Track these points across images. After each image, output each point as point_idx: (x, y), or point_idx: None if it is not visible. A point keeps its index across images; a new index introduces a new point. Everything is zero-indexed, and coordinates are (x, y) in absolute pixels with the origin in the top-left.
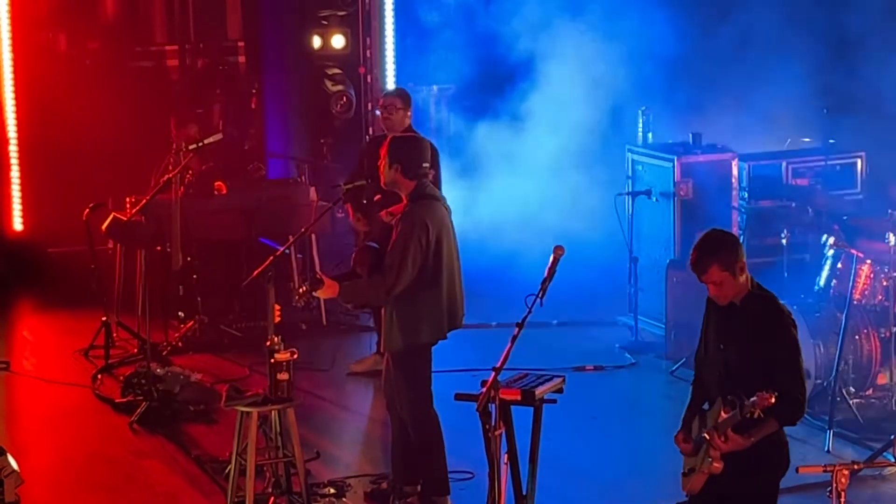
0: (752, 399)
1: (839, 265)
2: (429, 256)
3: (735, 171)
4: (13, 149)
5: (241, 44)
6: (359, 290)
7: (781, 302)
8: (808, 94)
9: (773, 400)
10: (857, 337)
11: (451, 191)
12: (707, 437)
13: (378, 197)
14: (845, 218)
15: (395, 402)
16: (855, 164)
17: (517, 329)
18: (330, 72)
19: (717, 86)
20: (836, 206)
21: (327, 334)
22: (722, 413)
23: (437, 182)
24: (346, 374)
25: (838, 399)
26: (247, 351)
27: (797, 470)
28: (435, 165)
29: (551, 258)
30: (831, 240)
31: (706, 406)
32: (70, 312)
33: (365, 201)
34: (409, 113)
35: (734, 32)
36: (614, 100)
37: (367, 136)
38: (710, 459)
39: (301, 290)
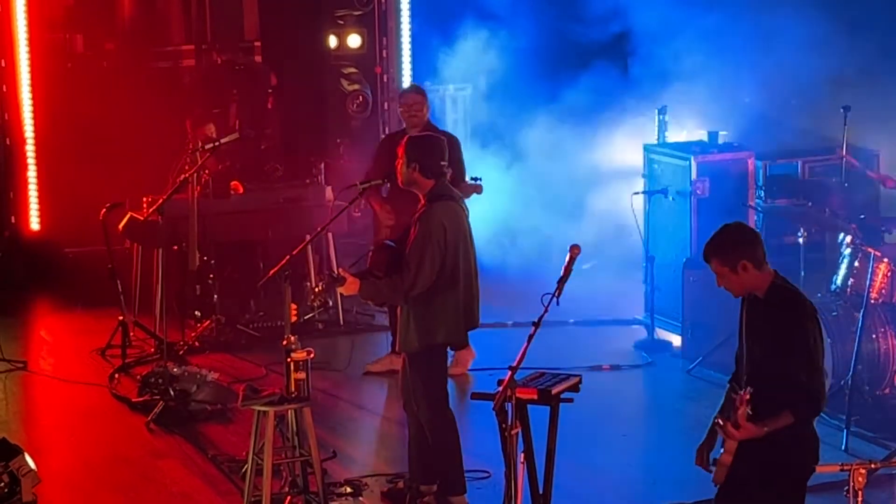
0: (736, 396)
1: (856, 264)
2: (446, 257)
3: (752, 170)
4: (30, 149)
5: (257, 44)
6: (379, 288)
7: (805, 297)
8: None
9: (747, 397)
10: (873, 336)
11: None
12: (721, 423)
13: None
14: (862, 217)
15: (411, 402)
16: (873, 162)
17: (533, 328)
18: (346, 71)
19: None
20: (854, 205)
21: (344, 334)
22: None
23: (461, 175)
24: (363, 373)
25: (855, 398)
26: (263, 350)
27: (814, 469)
28: (457, 158)
29: (567, 257)
30: (848, 238)
31: None
32: (87, 312)
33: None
34: (428, 108)
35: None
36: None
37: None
38: (722, 450)
39: (317, 290)
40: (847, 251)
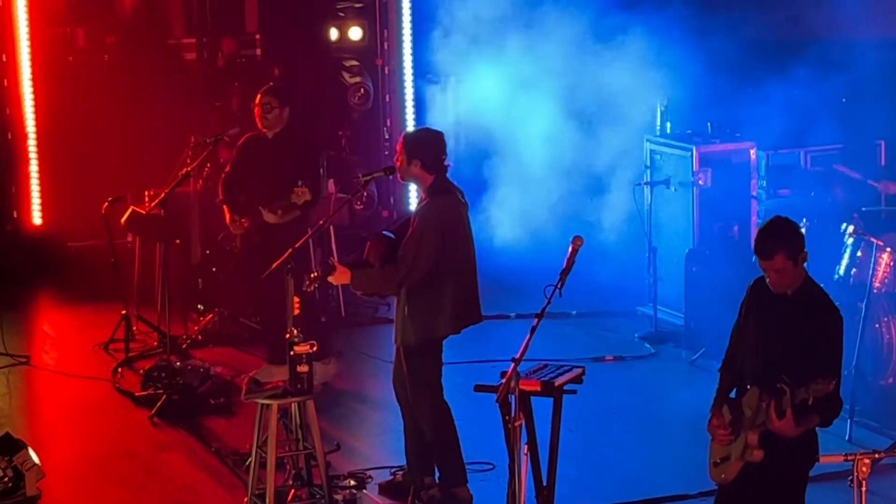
0: (811, 385)
1: (859, 253)
2: (444, 251)
3: (754, 160)
4: (32, 143)
5: (258, 36)
6: (371, 278)
7: (832, 299)
8: None
9: (831, 387)
10: (877, 325)
11: (469, 183)
12: (766, 407)
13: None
14: (864, 208)
15: (405, 396)
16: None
17: (536, 320)
18: (347, 63)
19: None
20: (856, 195)
21: (346, 326)
22: (759, 401)
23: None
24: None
25: (859, 388)
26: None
27: (818, 459)
28: (314, 165)
29: (570, 249)
30: (851, 228)
31: (733, 394)
32: (90, 306)
33: (243, 199)
34: (286, 110)
35: None
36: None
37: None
38: (750, 447)
39: (312, 276)
40: (849, 241)
